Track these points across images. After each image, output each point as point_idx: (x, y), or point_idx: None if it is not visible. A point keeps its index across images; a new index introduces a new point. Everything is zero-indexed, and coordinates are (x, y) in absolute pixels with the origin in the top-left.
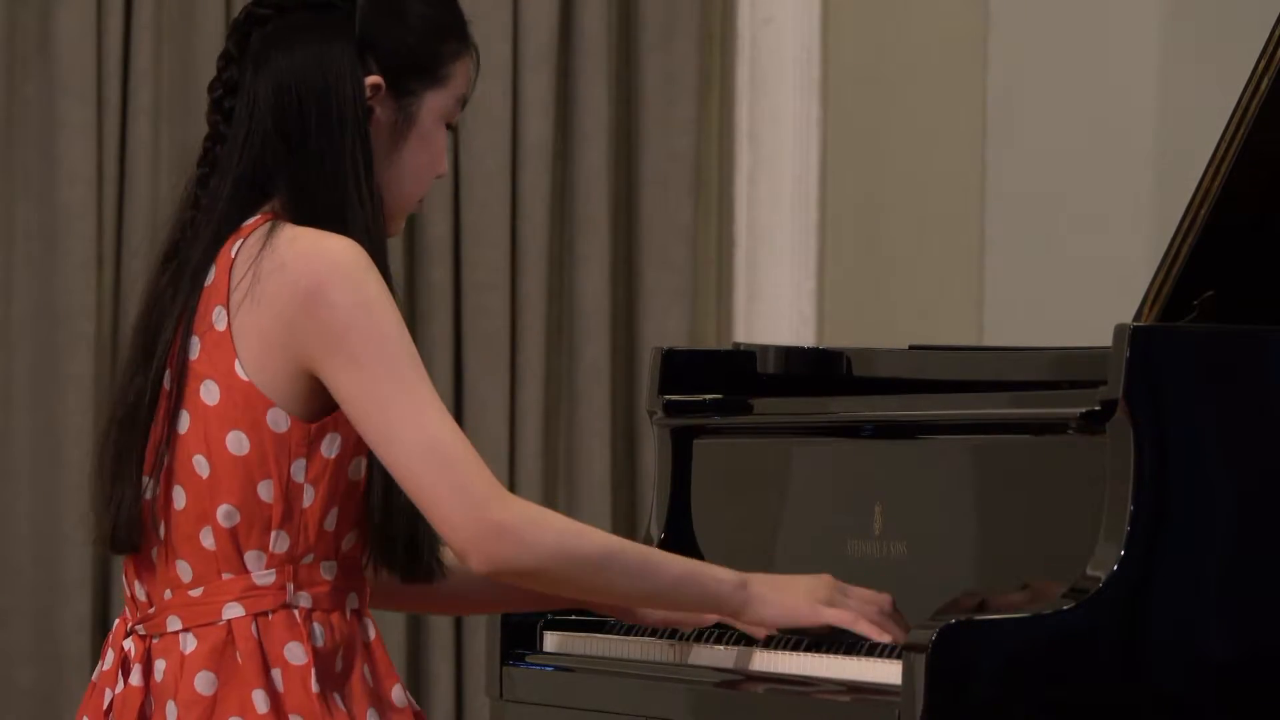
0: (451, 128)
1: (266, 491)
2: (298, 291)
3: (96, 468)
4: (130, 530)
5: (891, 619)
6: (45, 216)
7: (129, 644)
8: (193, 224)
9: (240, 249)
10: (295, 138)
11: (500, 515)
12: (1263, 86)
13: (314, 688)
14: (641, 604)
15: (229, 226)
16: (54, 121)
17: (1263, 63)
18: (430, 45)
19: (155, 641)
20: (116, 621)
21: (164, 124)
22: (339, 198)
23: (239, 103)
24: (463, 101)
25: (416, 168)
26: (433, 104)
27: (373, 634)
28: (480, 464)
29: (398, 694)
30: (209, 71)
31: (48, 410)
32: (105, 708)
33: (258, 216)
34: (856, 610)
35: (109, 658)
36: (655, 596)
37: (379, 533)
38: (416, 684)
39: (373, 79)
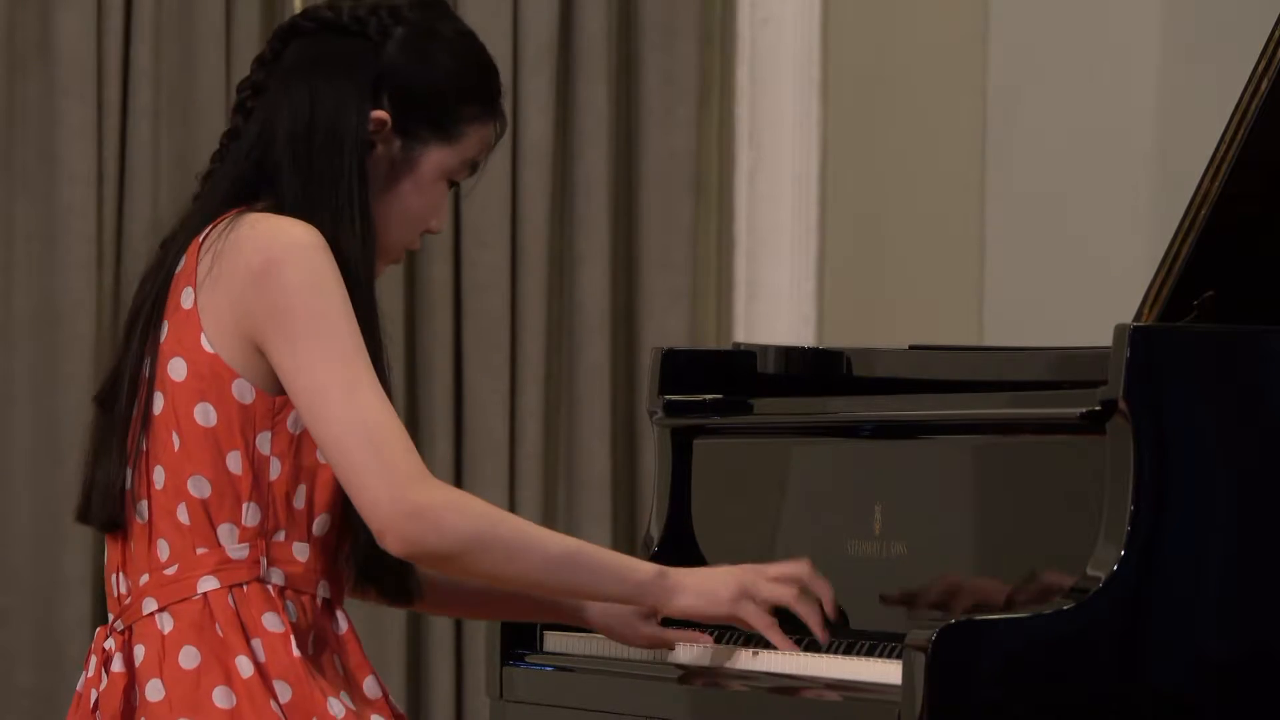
0: (455, 185)
1: (235, 463)
2: (252, 267)
3: (83, 452)
4: (105, 505)
5: (806, 603)
6: (45, 216)
7: (109, 643)
8: (188, 215)
9: (208, 234)
10: (301, 157)
11: (420, 497)
12: (1263, 87)
13: (295, 653)
14: (559, 594)
15: (209, 220)
16: (54, 121)
17: (1263, 63)
18: (449, 100)
19: (134, 628)
20: (97, 630)
21: (164, 124)
22: (331, 217)
23: (258, 106)
24: (472, 165)
25: (405, 213)
26: (437, 158)
27: (344, 627)
28: (409, 447)
29: (370, 685)
30: (209, 71)
31: (48, 410)
32: (92, 707)
33: (232, 211)
34: (775, 598)
35: (91, 664)
36: (574, 587)
37: (369, 556)
38: (416, 684)
39: (379, 114)
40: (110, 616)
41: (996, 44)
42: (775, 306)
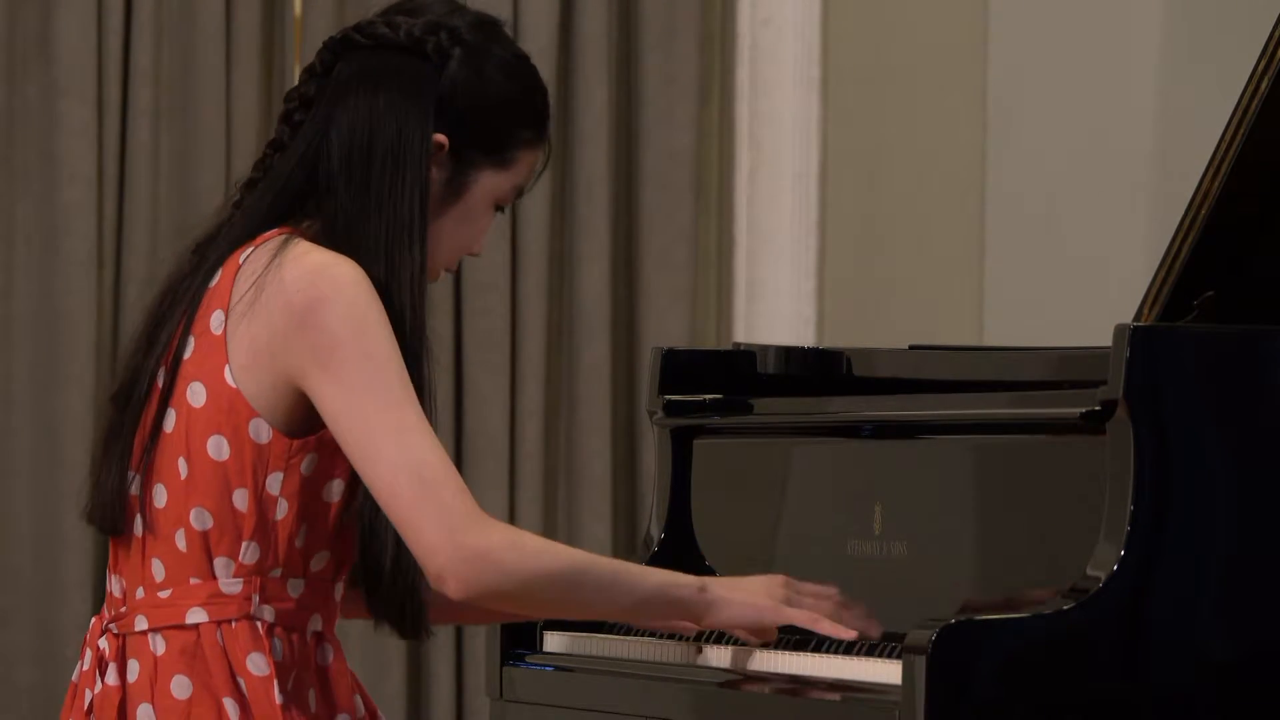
0: (500, 210)
1: (241, 501)
2: (293, 306)
3: (93, 444)
4: (108, 512)
5: (848, 610)
6: (45, 216)
7: (104, 643)
8: (228, 223)
9: (249, 257)
10: (358, 174)
11: (478, 540)
12: (1263, 86)
13: (277, 698)
14: (612, 618)
15: (251, 234)
16: (54, 121)
17: (1263, 63)
18: (504, 125)
19: (128, 639)
20: (93, 620)
21: (164, 124)
22: (389, 240)
23: (308, 120)
24: (519, 190)
25: (452, 237)
26: (488, 182)
27: (331, 658)
28: (462, 488)
29: None
30: (209, 71)
31: (48, 410)
32: (86, 708)
33: (276, 229)
34: (815, 608)
35: (87, 657)
36: (625, 610)
37: (384, 593)
38: (416, 684)
39: (439, 138)
40: (105, 610)
41: (996, 45)
42: (775, 306)
